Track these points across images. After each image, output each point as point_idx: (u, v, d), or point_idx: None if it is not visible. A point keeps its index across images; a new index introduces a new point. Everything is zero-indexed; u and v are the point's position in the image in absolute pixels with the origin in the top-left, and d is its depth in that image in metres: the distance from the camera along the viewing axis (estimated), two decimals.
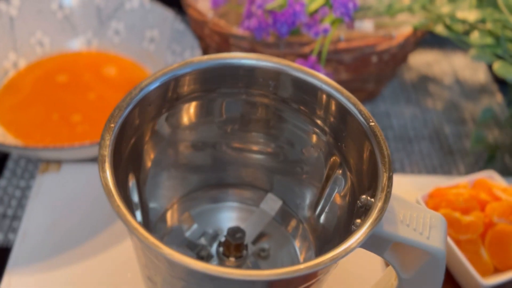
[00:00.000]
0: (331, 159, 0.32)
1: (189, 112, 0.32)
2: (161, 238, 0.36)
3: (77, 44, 0.54)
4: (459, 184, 0.44)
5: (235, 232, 0.33)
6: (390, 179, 0.26)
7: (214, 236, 0.36)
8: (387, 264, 0.40)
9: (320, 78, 0.30)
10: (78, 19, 0.53)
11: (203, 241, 0.36)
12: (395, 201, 0.27)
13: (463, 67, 0.64)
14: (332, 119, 0.31)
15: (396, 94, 0.60)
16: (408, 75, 0.62)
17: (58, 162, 0.46)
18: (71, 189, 0.44)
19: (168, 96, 0.30)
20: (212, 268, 0.22)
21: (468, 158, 0.53)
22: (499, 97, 0.60)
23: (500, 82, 0.62)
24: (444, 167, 0.52)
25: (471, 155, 0.53)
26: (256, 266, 0.35)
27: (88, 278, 0.39)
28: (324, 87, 0.30)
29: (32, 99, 0.49)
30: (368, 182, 0.28)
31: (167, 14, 0.52)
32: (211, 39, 0.49)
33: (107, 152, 0.25)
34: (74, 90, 0.51)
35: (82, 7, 0.53)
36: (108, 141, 0.26)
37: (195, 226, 0.36)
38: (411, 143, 0.54)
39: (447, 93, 0.61)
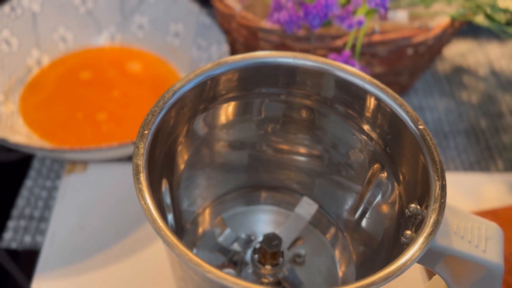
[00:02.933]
0: (375, 163, 0.30)
1: (226, 111, 0.31)
2: (193, 243, 0.34)
3: (100, 40, 0.52)
4: None
5: (271, 239, 0.32)
6: (443, 188, 0.24)
7: (248, 242, 0.34)
8: (428, 273, 0.39)
9: (362, 77, 0.29)
10: (101, 13, 0.52)
11: (236, 246, 0.34)
12: (447, 210, 0.25)
13: (498, 57, 0.61)
14: (377, 121, 0.29)
15: (429, 86, 0.57)
16: (441, 66, 0.60)
17: (85, 162, 0.45)
18: (98, 190, 0.43)
19: (203, 97, 0.29)
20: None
21: (507, 153, 0.51)
22: None
23: None
24: (482, 163, 0.50)
25: (510, 150, 0.51)
26: (292, 273, 0.34)
27: (118, 281, 0.38)
28: (367, 86, 0.28)
29: (56, 97, 0.48)
30: (417, 190, 0.26)
31: (192, 7, 0.51)
32: (238, 33, 0.47)
33: (141, 161, 0.24)
34: (98, 87, 0.49)
35: (105, 1, 0.52)
36: (143, 149, 0.24)
37: (228, 230, 0.34)
38: (447, 139, 0.52)
39: (483, 84, 0.58)
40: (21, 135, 0.43)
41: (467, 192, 0.46)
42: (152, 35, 0.52)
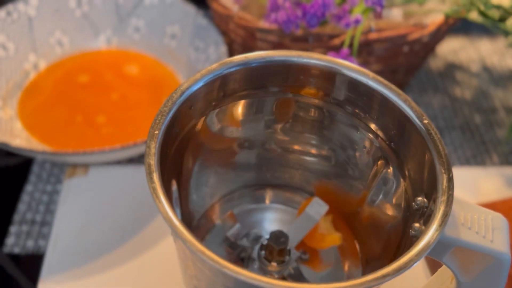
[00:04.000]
0: (381, 160, 0.31)
1: (235, 110, 0.31)
2: (202, 237, 0.35)
3: (97, 43, 0.52)
4: None
5: (278, 236, 0.32)
6: (450, 180, 0.25)
7: (256, 238, 0.35)
8: (430, 265, 0.39)
9: (368, 75, 0.29)
10: (97, 17, 0.52)
11: (245, 242, 0.34)
12: (453, 202, 0.26)
13: (490, 53, 0.62)
14: (382, 117, 0.29)
15: (423, 83, 0.58)
16: (434, 64, 0.61)
17: (85, 166, 0.44)
18: (100, 193, 0.43)
19: (211, 96, 0.29)
20: (275, 283, 0.21)
21: (502, 147, 0.52)
22: None
23: None
24: (477, 158, 0.51)
25: (505, 145, 0.52)
26: (297, 271, 0.34)
27: (124, 283, 0.38)
28: (372, 83, 0.29)
29: (54, 101, 0.48)
30: (424, 184, 0.27)
31: (189, 9, 0.51)
32: (236, 34, 0.48)
33: (154, 161, 0.24)
34: (96, 90, 0.49)
35: (101, 4, 0.52)
36: (154, 149, 0.25)
37: (237, 225, 0.35)
38: (442, 134, 0.53)
39: (475, 80, 0.59)
40: (21, 139, 0.43)
41: (465, 186, 0.47)
42: (148, 38, 0.53)
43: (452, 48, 0.63)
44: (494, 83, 0.59)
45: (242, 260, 0.35)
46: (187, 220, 0.33)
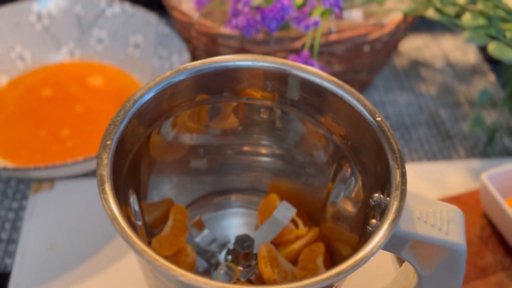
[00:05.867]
0: (338, 157, 0.31)
1: (188, 118, 0.31)
2: None
3: (59, 56, 0.52)
4: None
5: (243, 240, 0.32)
6: (403, 175, 0.25)
7: (224, 243, 0.35)
8: (399, 261, 0.40)
9: (320, 75, 0.29)
10: (58, 29, 0.52)
11: (213, 247, 0.34)
12: (409, 197, 0.26)
13: (453, 49, 0.64)
14: (336, 117, 0.30)
15: (388, 82, 0.59)
16: (399, 62, 0.62)
17: (51, 180, 0.44)
18: (66, 207, 0.43)
19: (164, 104, 0.29)
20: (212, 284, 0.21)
21: (467, 141, 0.53)
22: (491, 77, 0.60)
23: (492, 62, 0.62)
24: (444, 152, 0.52)
25: (470, 138, 0.53)
26: None
27: None
28: (325, 84, 0.29)
29: (17, 117, 0.48)
30: (380, 179, 0.27)
31: (151, 18, 0.51)
32: (198, 41, 0.48)
33: (106, 172, 0.24)
34: (60, 103, 0.49)
35: (62, 17, 0.51)
36: (106, 160, 0.24)
37: (206, 231, 0.35)
38: (409, 131, 0.54)
39: (440, 76, 0.60)
40: None
41: (432, 181, 0.47)
42: (112, 48, 0.52)
43: (416, 46, 0.64)
44: (458, 79, 0.60)
45: (211, 266, 0.35)
46: (151, 230, 0.33)
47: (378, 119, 0.27)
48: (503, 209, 0.39)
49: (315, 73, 0.29)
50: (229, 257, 0.33)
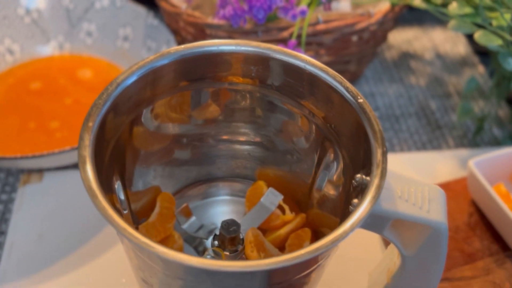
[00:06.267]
0: (322, 142, 0.31)
1: (171, 104, 0.31)
2: None
3: (48, 49, 0.52)
4: None
5: (229, 225, 0.32)
6: (384, 154, 0.25)
7: (211, 230, 0.35)
8: (386, 244, 0.40)
9: (303, 59, 0.29)
10: (47, 22, 0.52)
11: (201, 234, 0.34)
12: (391, 177, 0.26)
13: (442, 41, 0.64)
14: (319, 100, 0.30)
15: (378, 73, 0.59)
16: (389, 54, 0.62)
17: (40, 172, 0.44)
18: (55, 198, 0.43)
19: (147, 89, 0.29)
20: (208, 263, 0.21)
21: (456, 131, 0.53)
22: (481, 69, 0.60)
23: (481, 54, 0.62)
24: (433, 142, 0.52)
25: (459, 128, 0.53)
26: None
27: (83, 286, 0.37)
28: (308, 67, 0.29)
29: (6, 109, 0.48)
30: (362, 161, 0.27)
31: (140, 10, 0.51)
32: (186, 32, 0.48)
33: (87, 152, 0.24)
34: (49, 96, 0.49)
35: (50, 10, 0.51)
36: (88, 141, 0.24)
37: (193, 218, 0.35)
38: (398, 121, 0.54)
39: (430, 68, 0.60)
40: None
41: (421, 170, 0.47)
42: (101, 41, 0.52)
43: (406, 38, 0.64)
44: (448, 70, 0.60)
45: (199, 253, 0.35)
46: (137, 219, 0.33)
47: (360, 100, 0.28)
48: (490, 195, 0.39)
49: (298, 57, 0.29)
50: (216, 242, 0.33)
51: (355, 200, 0.26)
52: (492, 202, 0.39)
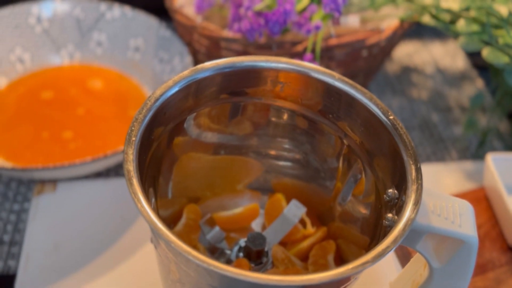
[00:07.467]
0: (351, 157, 0.32)
1: (209, 116, 0.32)
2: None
3: (59, 59, 0.52)
4: None
5: (256, 238, 0.33)
6: (418, 170, 0.26)
7: (235, 241, 0.35)
8: (401, 260, 0.41)
9: (333, 75, 0.30)
10: (58, 32, 0.52)
11: (224, 244, 0.35)
12: (423, 192, 0.27)
13: (442, 55, 0.66)
14: (350, 116, 0.31)
15: (381, 86, 0.61)
16: (391, 67, 0.63)
17: (53, 182, 0.44)
18: (69, 208, 0.43)
19: (187, 102, 0.29)
20: (261, 277, 0.21)
21: (459, 143, 0.54)
22: (479, 83, 0.62)
23: (479, 68, 0.64)
24: (437, 154, 0.53)
25: (462, 141, 0.55)
26: (276, 273, 0.35)
27: None
28: (338, 84, 0.30)
29: (18, 119, 0.47)
30: (394, 176, 0.28)
31: (151, 21, 0.51)
32: (200, 44, 0.48)
33: (132, 166, 0.24)
34: (61, 106, 0.49)
35: (61, 20, 0.51)
36: (132, 155, 0.25)
37: (217, 228, 0.35)
38: None
39: (430, 82, 0.62)
40: None
41: (427, 181, 0.48)
42: (111, 52, 0.52)
43: (406, 52, 0.65)
44: (448, 84, 0.62)
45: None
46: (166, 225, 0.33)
47: (391, 117, 0.28)
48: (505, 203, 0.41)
49: (329, 74, 0.30)
50: (241, 254, 0.33)
51: (390, 215, 0.27)
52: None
